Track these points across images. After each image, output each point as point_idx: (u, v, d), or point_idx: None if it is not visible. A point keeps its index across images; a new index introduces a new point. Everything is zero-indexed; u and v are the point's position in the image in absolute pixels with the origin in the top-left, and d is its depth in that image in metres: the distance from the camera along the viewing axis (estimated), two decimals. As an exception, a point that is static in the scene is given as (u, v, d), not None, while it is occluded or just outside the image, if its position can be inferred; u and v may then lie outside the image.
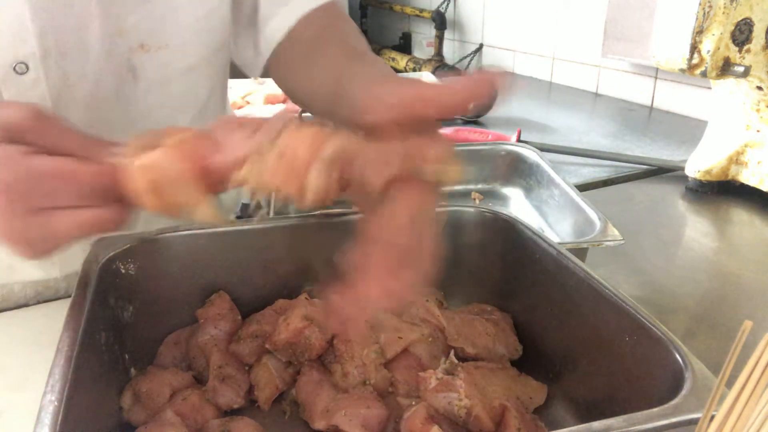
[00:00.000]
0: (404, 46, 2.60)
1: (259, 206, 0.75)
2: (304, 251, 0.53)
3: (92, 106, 0.53)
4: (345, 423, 0.41)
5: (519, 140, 1.00)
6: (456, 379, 0.43)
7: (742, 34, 0.77)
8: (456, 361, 0.46)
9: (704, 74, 0.78)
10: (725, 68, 0.78)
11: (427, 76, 1.62)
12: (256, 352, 0.48)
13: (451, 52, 2.26)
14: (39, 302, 0.63)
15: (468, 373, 0.44)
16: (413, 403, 0.43)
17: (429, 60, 2.21)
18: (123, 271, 0.48)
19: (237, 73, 0.70)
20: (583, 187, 0.93)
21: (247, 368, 0.48)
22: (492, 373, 0.46)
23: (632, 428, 0.32)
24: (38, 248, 0.34)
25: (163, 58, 0.55)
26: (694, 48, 0.77)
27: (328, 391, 0.45)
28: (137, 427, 0.43)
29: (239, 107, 1.33)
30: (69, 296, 0.54)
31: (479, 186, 0.91)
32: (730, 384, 0.26)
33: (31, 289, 0.63)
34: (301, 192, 0.35)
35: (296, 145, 0.35)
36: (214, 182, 0.36)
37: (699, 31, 0.76)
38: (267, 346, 0.47)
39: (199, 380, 0.48)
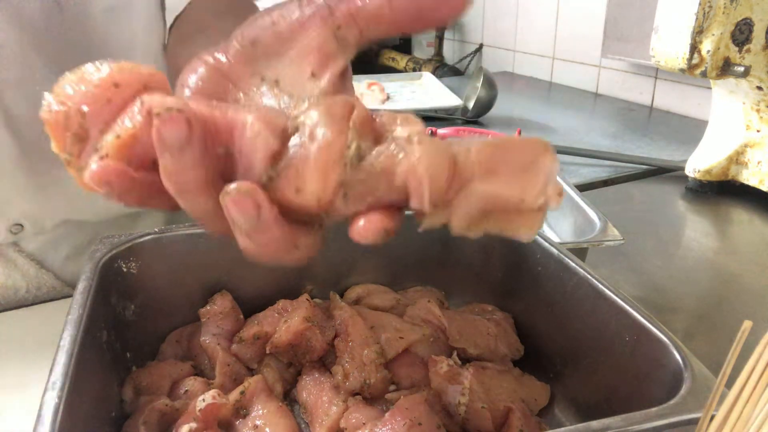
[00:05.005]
0: (404, 46, 2.60)
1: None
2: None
3: (24, 27, 0.53)
4: None
5: (519, 140, 1.00)
6: (464, 371, 0.43)
7: (742, 34, 0.77)
8: (459, 362, 0.46)
9: (704, 74, 0.78)
10: (725, 68, 0.78)
11: (427, 76, 1.62)
12: (258, 355, 0.48)
13: (451, 52, 2.26)
14: (38, 302, 0.63)
15: (477, 371, 0.44)
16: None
17: (429, 60, 2.22)
18: (124, 269, 0.48)
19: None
20: (583, 187, 0.93)
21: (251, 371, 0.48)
22: (499, 375, 0.46)
23: (631, 428, 0.32)
24: None
25: None
26: (694, 48, 0.77)
27: (329, 392, 0.45)
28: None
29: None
30: (69, 296, 0.54)
31: (479, 186, 0.91)
32: (730, 384, 0.26)
33: (32, 289, 0.63)
34: (333, 194, 0.22)
35: (326, 121, 0.22)
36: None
37: (699, 31, 0.76)
38: (268, 350, 0.47)
39: (199, 375, 0.48)
